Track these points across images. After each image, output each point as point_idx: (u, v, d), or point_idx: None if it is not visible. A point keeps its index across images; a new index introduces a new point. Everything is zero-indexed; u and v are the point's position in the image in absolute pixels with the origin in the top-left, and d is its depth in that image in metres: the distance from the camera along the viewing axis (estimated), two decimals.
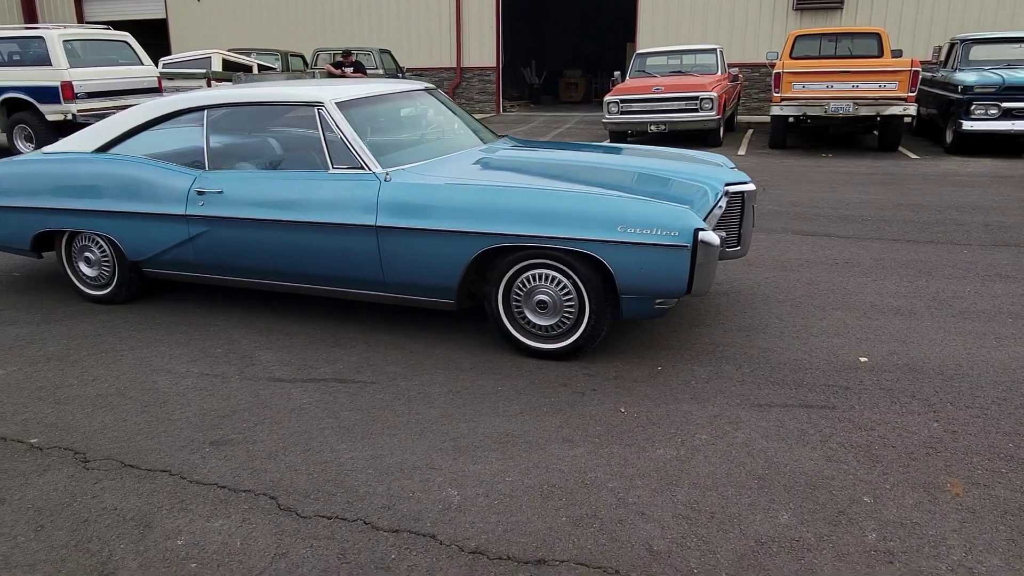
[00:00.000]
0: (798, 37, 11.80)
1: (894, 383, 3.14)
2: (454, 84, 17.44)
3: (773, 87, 10.08)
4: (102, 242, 4.22)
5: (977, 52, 10.65)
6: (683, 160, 4.13)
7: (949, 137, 10.04)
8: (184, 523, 2.30)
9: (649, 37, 15.92)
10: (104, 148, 4.16)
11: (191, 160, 3.97)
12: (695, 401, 3.01)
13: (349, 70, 12.06)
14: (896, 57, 10.69)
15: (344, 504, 2.37)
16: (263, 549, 2.17)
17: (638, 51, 12.31)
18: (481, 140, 4.40)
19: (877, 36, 11.48)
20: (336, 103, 3.66)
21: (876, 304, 4.13)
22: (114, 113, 4.59)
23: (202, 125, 3.95)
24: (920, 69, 9.67)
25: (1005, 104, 9.27)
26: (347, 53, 12.34)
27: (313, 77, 12.26)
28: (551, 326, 3.38)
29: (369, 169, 3.53)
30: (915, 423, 2.81)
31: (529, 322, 3.42)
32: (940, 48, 11.67)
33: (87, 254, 4.31)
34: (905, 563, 2.05)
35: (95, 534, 2.26)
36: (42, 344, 3.76)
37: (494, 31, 17.01)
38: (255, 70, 12.90)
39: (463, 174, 3.55)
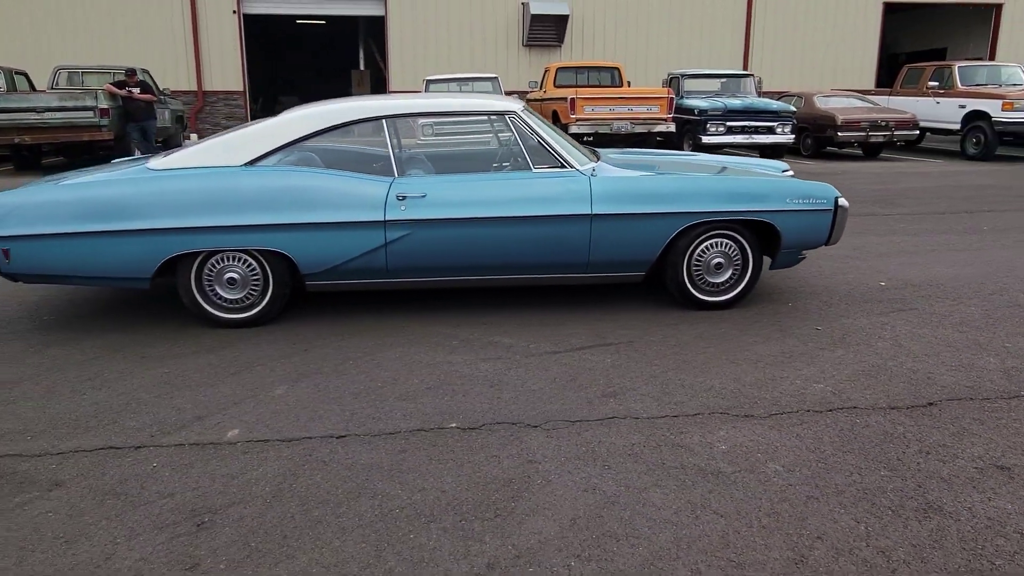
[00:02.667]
0: (559, 69, 13.97)
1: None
2: (196, 108, 16.23)
3: (569, 110, 11.95)
4: (252, 260, 3.97)
5: (689, 84, 13.93)
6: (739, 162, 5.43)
7: (687, 148, 13.02)
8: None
9: (399, 68, 16.89)
10: (255, 161, 3.94)
11: (371, 168, 4.02)
12: (822, 319, 4.31)
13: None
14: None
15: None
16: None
17: (429, 78, 13.25)
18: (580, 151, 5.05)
19: (616, 69, 14.20)
20: (525, 111, 4.15)
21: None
22: None
23: (384, 134, 4.05)
24: (674, 96, 12.42)
25: (728, 123, 12.47)
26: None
27: (78, 95, 10.71)
28: (723, 282, 4.38)
29: (573, 167, 4.12)
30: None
31: (707, 282, 4.37)
32: (668, 79, 14.86)
33: (230, 275, 3.98)
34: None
35: None
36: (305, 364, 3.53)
37: (238, 53, 16.28)
38: None
39: (637, 170, 4.35)
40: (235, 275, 4.00)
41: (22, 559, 2.15)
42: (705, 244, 4.30)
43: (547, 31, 17.09)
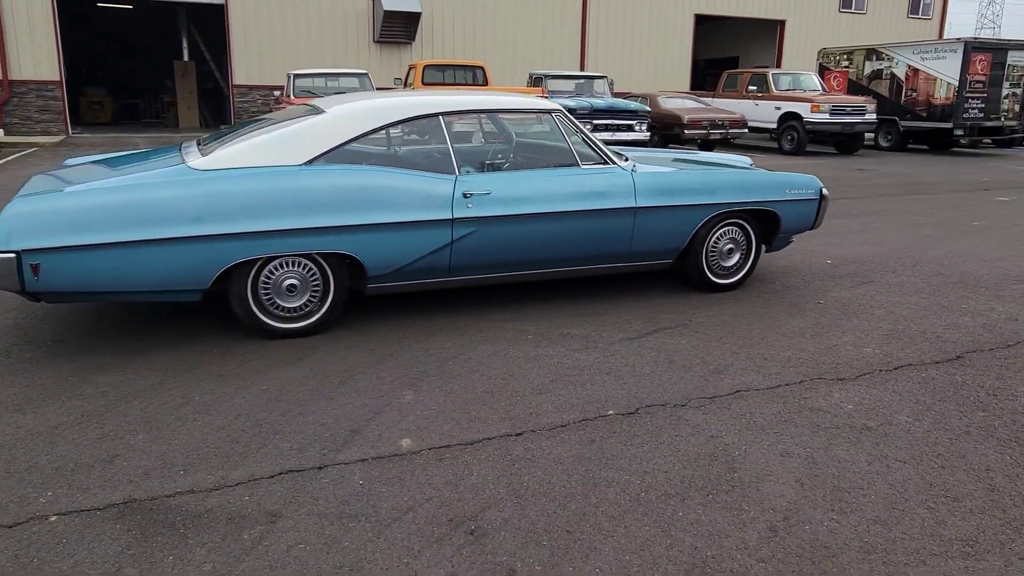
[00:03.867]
0: (426, 67, 13.94)
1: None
2: (2, 100, 13.95)
3: None
4: (313, 264, 3.71)
5: (552, 84, 14.55)
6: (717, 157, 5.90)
7: None
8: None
9: (244, 61, 15.80)
10: (314, 159, 3.67)
11: (430, 165, 3.91)
12: (814, 295, 4.94)
13: None
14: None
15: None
16: None
17: (295, 72, 12.57)
18: None
19: (481, 68, 14.47)
20: (566, 110, 4.26)
21: None
22: None
23: (442, 130, 3.95)
24: (548, 96, 12.91)
25: (595, 122, 13.22)
26: None
27: None
28: (732, 265, 4.81)
29: (616, 164, 4.32)
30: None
31: (720, 266, 4.77)
32: (534, 79, 15.31)
33: (290, 281, 3.68)
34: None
35: None
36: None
37: (53, 37, 14.25)
38: None
39: (661, 167, 4.63)
40: (295, 281, 3.72)
41: None
42: (719, 232, 4.71)
43: (398, 28, 16.90)
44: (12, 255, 3.13)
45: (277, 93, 12.52)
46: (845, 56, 18.33)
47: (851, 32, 23.94)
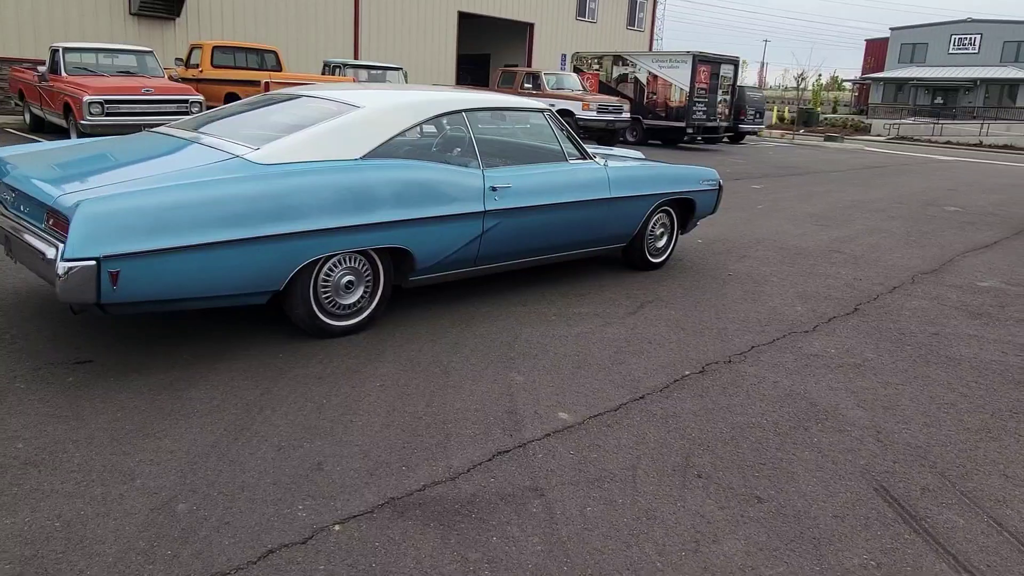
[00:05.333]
0: (215, 48, 12.90)
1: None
2: None
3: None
4: (366, 260, 3.65)
5: (348, 74, 14.31)
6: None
7: None
8: None
9: (16, 36, 13.07)
10: (370, 154, 3.59)
11: (460, 160, 4.03)
12: (720, 268, 5.95)
13: None
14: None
15: None
16: None
17: (63, 45, 10.76)
18: None
19: (274, 53, 13.76)
20: (554, 109, 4.63)
21: None
22: None
23: (467, 127, 4.07)
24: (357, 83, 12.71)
25: None
26: None
27: None
28: (662, 245, 5.57)
29: (592, 159, 4.79)
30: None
31: (655, 247, 5.50)
32: (332, 68, 14.74)
33: (348, 278, 3.58)
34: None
35: None
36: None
37: None
38: None
39: (625, 161, 5.20)
40: (351, 277, 3.63)
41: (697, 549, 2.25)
42: (655, 218, 5.45)
43: (158, 2, 15.15)
44: (92, 263, 2.71)
45: (42, 69, 10.63)
46: (596, 60, 20.56)
47: (586, 37, 26.74)
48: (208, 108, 11.22)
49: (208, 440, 2.63)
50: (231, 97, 11.79)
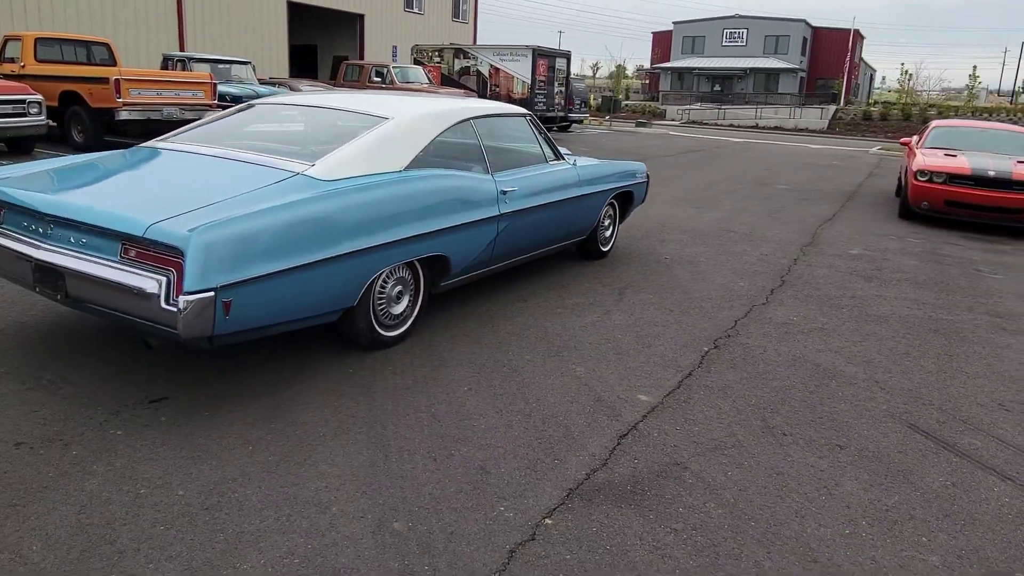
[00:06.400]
0: (38, 39, 11.49)
1: None
2: None
3: (114, 93, 10.19)
4: (409, 269, 3.69)
5: (194, 68, 13.31)
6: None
7: None
8: None
9: None
10: (410, 165, 3.63)
11: (473, 167, 4.14)
12: (660, 252, 6.53)
13: None
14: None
15: None
16: None
17: None
18: None
19: (107, 45, 12.51)
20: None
21: None
22: None
23: (476, 134, 4.18)
24: (218, 82, 11.86)
25: None
26: None
27: None
28: (608, 235, 6.01)
29: (566, 160, 5.09)
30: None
31: (603, 237, 5.92)
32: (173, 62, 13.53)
33: (398, 289, 3.60)
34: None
35: None
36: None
37: None
38: None
39: (582, 159, 5.53)
40: (400, 288, 3.66)
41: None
42: (604, 210, 5.88)
43: None
44: (211, 294, 2.58)
45: None
46: (437, 53, 20.72)
47: (415, 30, 26.71)
48: None
49: (362, 460, 2.64)
50: (68, 96, 10.57)
